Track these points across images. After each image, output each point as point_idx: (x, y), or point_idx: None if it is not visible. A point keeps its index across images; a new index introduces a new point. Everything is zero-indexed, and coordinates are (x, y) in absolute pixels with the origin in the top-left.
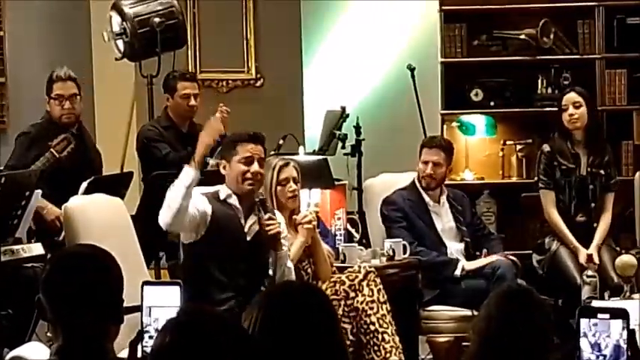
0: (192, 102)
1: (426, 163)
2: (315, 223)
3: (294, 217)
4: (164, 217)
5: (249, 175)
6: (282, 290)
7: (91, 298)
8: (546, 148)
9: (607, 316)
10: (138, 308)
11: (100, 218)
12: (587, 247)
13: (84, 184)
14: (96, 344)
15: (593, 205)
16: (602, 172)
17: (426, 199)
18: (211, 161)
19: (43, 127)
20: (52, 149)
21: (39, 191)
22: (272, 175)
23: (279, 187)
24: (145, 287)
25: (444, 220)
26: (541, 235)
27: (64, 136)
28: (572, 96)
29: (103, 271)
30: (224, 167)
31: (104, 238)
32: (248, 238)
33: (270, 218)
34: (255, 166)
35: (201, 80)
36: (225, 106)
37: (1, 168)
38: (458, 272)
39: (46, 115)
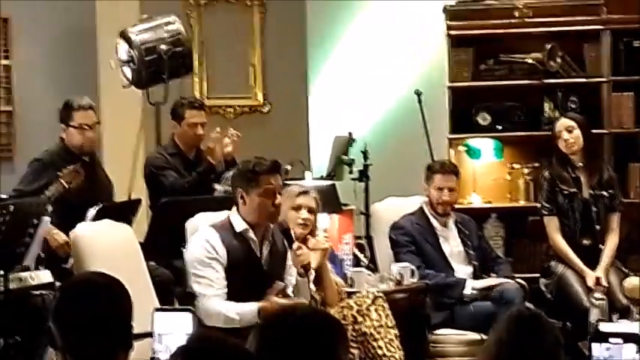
0: (200, 131)
1: (441, 189)
2: (328, 250)
3: (308, 241)
4: (213, 319)
5: (272, 209)
6: (287, 315)
7: (102, 328)
8: (547, 174)
9: (620, 340)
10: (147, 334)
11: (108, 245)
12: (594, 269)
13: (92, 211)
14: None
15: (597, 227)
16: (604, 193)
17: (434, 223)
18: (218, 187)
19: (57, 154)
20: (60, 180)
21: (47, 219)
22: (290, 199)
23: (291, 212)
24: (156, 314)
25: (451, 244)
26: (547, 259)
27: (73, 167)
28: (564, 121)
29: (114, 300)
30: (241, 197)
31: (112, 265)
32: (265, 268)
33: (299, 247)
34: (278, 199)
35: (208, 107)
36: None
37: (11, 193)
38: (467, 291)
39: (59, 142)
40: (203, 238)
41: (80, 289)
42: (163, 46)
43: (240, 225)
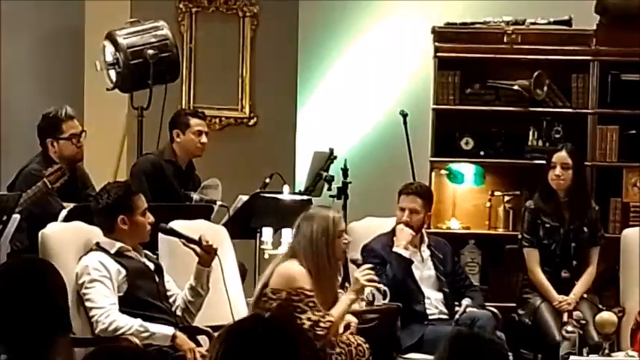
0: (204, 139)
1: (402, 209)
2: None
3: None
4: (103, 330)
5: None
6: (248, 324)
7: (29, 311)
8: (530, 205)
9: None
10: None
11: (76, 246)
12: None
13: (64, 212)
14: (40, 358)
15: (574, 262)
16: (585, 229)
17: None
18: (195, 196)
19: (44, 167)
20: (45, 179)
21: (17, 216)
22: (332, 225)
23: (337, 239)
24: None
25: (423, 268)
26: (524, 290)
27: (58, 166)
28: (562, 155)
29: (41, 284)
30: (124, 222)
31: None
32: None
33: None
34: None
35: None
36: (218, 143)
37: None
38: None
39: (40, 156)
40: (93, 259)
41: (2, 274)
42: (150, 51)
43: (113, 246)
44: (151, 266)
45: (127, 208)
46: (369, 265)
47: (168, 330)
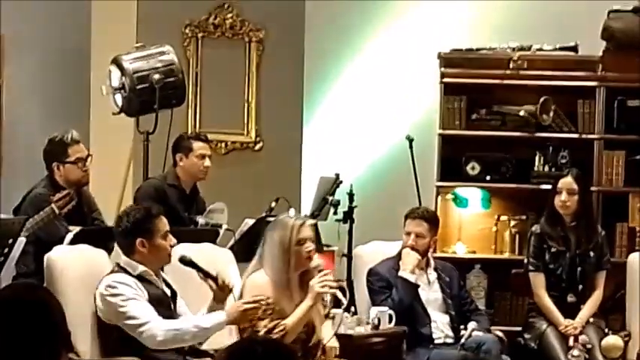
0: (208, 163)
1: (408, 234)
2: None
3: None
4: (163, 341)
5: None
6: (246, 345)
7: (28, 336)
8: (536, 229)
9: None
10: None
11: (81, 270)
12: None
13: (69, 235)
14: None
15: (580, 287)
16: (591, 253)
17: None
18: (201, 220)
19: (48, 195)
20: (53, 204)
21: (22, 239)
22: (290, 234)
23: (296, 247)
24: None
25: (429, 291)
26: (530, 313)
27: (66, 192)
28: (568, 181)
29: (39, 311)
30: (143, 245)
31: (85, 291)
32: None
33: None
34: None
35: None
36: (223, 167)
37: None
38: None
39: (46, 180)
40: (117, 281)
41: (7, 303)
42: (156, 76)
43: (135, 269)
44: (168, 292)
45: (146, 231)
46: (327, 271)
47: (220, 317)
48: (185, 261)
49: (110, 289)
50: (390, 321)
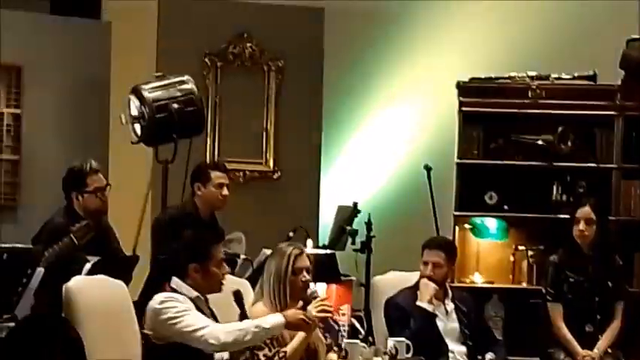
0: (226, 192)
1: (426, 263)
2: (329, 315)
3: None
4: (225, 343)
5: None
6: None
7: None
8: (554, 259)
9: None
10: None
11: (99, 301)
12: None
13: (87, 265)
14: None
15: (599, 316)
16: (609, 283)
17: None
18: None
19: (68, 221)
20: (72, 235)
21: (41, 269)
22: (286, 263)
23: (292, 277)
24: None
25: (447, 321)
26: (549, 344)
27: (85, 222)
28: (586, 211)
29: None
30: (196, 271)
31: (103, 322)
32: None
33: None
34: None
35: None
36: (242, 196)
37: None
38: None
39: (65, 210)
40: (171, 296)
41: (26, 330)
42: (175, 105)
43: (190, 292)
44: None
45: (200, 257)
46: (323, 297)
47: (279, 318)
48: (239, 297)
49: (165, 302)
50: (408, 351)
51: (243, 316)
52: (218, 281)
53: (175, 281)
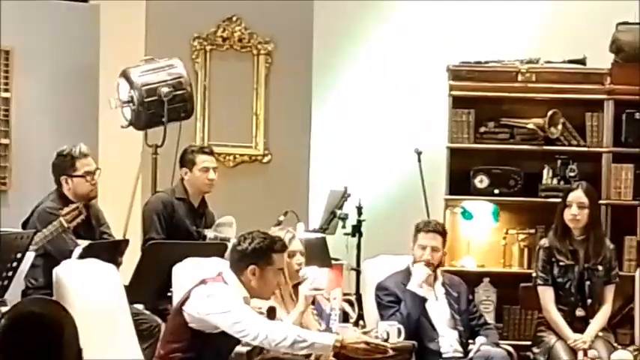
0: (212, 175)
1: (423, 247)
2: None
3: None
4: (273, 339)
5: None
6: None
7: (42, 357)
8: (545, 243)
9: None
10: None
11: (90, 285)
12: None
13: (78, 249)
14: None
15: (589, 300)
16: (599, 267)
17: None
18: (209, 234)
19: (57, 208)
20: (61, 218)
21: (31, 254)
22: None
23: (287, 260)
24: None
25: (437, 307)
26: (538, 327)
27: (75, 205)
28: (578, 195)
29: (53, 328)
30: (253, 273)
31: (94, 305)
32: None
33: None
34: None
35: None
36: (232, 180)
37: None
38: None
39: (55, 194)
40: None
41: (22, 318)
42: (164, 89)
43: (241, 291)
44: None
45: (262, 260)
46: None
47: (328, 339)
48: (272, 315)
49: (218, 291)
50: (399, 335)
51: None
52: (270, 289)
53: (229, 275)
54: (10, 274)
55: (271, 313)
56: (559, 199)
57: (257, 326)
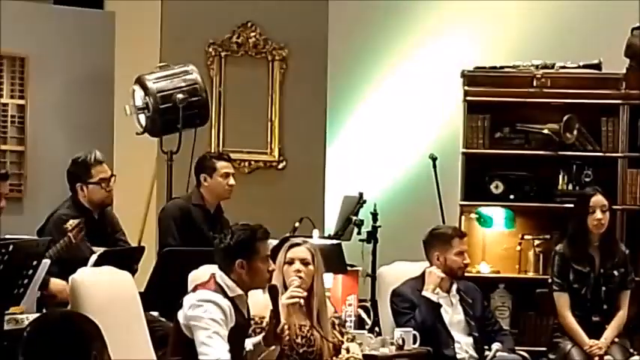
0: (232, 181)
1: (462, 253)
2: (299, 301)
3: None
4: None
5: (267, 275)
6: None
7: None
8: (560, 249)
9: None
10: None
11: (106, 292)
12: None
13: (94, 257)
14: None
15: (605, 306)
16: (615, 272)
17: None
18: None
19: (72, 216)
20: (69, 234)
21: (47, 261)
22: (284, 253)
23: (286, 267)
24: None
25: (452, 313)
26: (555, 334)
27: (78, 221)
28: (600, 199)
29: (82, 337)
30: (241, 267)
31: (109, 312)
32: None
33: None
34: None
35: None
36: (247, 186)
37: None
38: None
39: (70, 201)
40: (218, 299)
41: (49, 325)
42: (179, 95)
43: (234, 291)
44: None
45: (247, 252)
46: (298, 283)
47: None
48: (273, 292)
49: (198, 308)
50: (415, 341)
51: (276, 313)
52: (263, 278)
53: (220, 276)
54: (25, 281)
55: (273, 291)
56: (572, 205)
57: (216, 355)
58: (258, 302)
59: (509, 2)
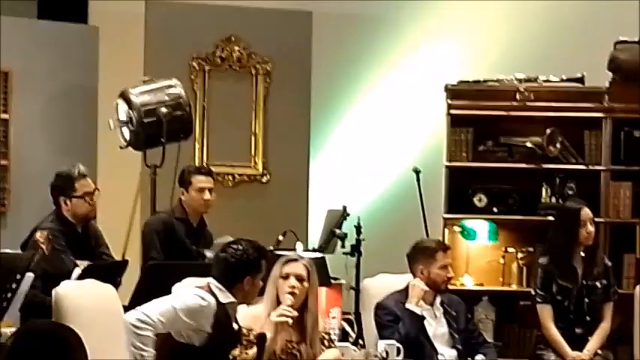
0: (207, 196)
1: (445, 267)
2: (288, 320)
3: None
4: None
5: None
6: None
7: None
8: (543, 261)
9: None
10: None
11: (89, 305)
12: None
13: (77, 270)
14: None
15: (588, 318)
16: (597, 284)
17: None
18: (209, 254)
19: (57, 230)
20: (42, 248)
21: (31, 275)
22: (280, 268)
23: (280, 281)
24: None
25: (436, 326)
26: (537, 345)
27: (46, 232)
28: (588, 212)
29: (65, 349)
30: (247, 284)
31: (92, 326)
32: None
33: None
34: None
35: None
36: (231, 200)
37: None
38: None
39: (54, 215)
40: (205, 299)
41: (33, 336)
42: (163, 109)
43: (227, 298)
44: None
45: (255, 270)
46: (290, 303)
47: None
48: (261, 342)
49: (190, 292)
50: (399, 354)
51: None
52: (255, 294)
53: (215, 283)
54: (9, 295)
55: (261, 340)
56: (552, 218)
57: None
58: (246, 315)
59: (492, 16)
